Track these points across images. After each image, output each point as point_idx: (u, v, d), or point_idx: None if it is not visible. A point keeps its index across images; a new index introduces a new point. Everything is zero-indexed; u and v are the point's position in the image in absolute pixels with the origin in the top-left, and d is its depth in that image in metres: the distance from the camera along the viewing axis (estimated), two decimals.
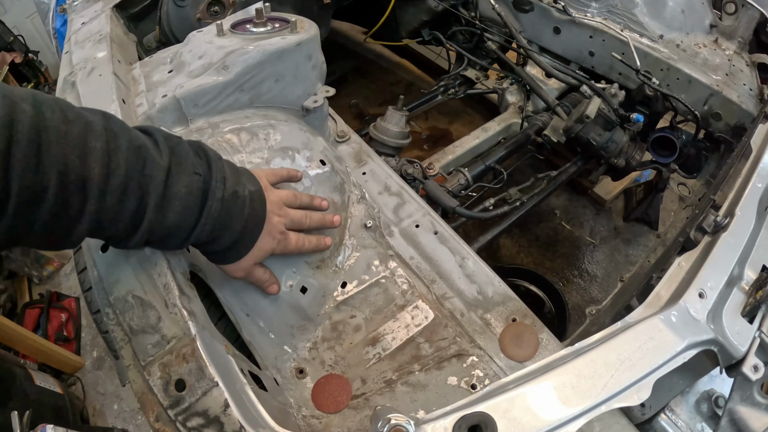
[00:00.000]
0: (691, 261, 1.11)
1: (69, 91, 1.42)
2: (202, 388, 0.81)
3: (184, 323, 0.87)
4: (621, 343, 0.90)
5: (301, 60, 1.36)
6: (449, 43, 2.66)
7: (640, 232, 2.85)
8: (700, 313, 0.97)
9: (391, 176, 1.50)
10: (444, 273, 1.30)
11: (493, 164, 2.14)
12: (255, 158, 1.25)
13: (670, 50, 2.11)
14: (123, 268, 0.96)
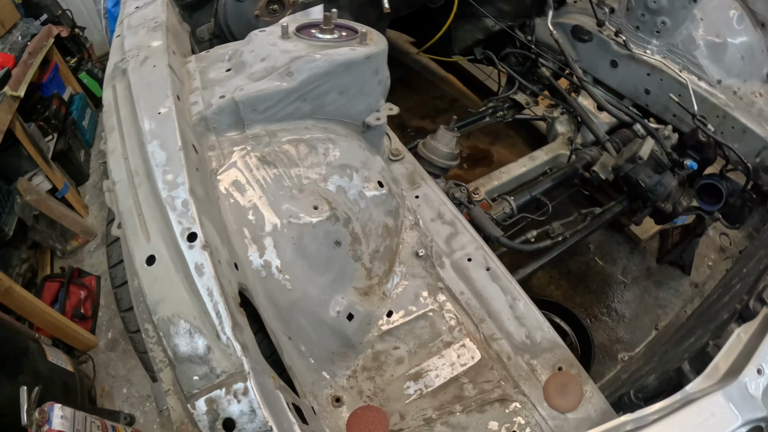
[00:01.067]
0: (750, 332, 1.04)
1: (119, 78, 1.35)
2: (253, 430, 0.74)
3: (237, 359, 0.80)
4: (683, 419, 0.86)
5: (368, 74, 1.29)
6: (501, 64, 2.58)
7: (672, 275, 2.76)
8: (757, 391, 0.92)
9: (445, 203, 1.44)
10: (494, 312, 1.24)
11: (539, 195, 2.06)
12: (312, 173, 1.19)
13: (727, 97, 2.03)
14: (171, 286, 0.88)
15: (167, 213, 0.91)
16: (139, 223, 0.93)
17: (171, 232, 0.89)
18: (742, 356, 0.98)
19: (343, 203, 1.19)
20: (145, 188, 0.98)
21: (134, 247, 0.91)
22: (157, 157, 1.00)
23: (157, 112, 1.10)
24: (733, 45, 2.03)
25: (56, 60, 3.80)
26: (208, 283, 0.85)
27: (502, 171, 2.22)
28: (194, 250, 0.86)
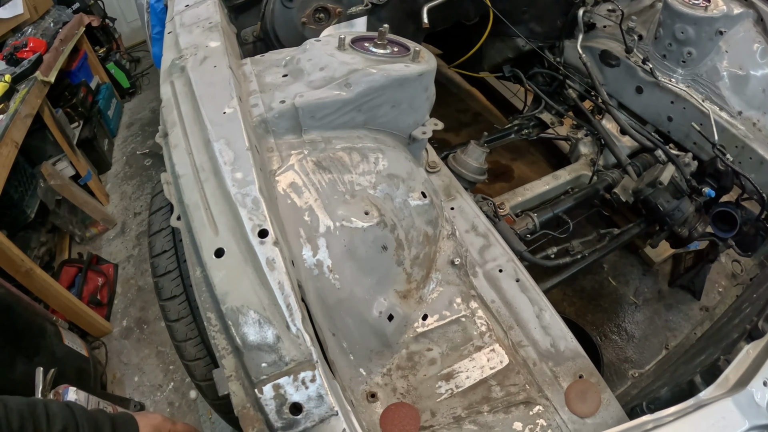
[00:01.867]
0: (758, 349, 1.13)
1: (178, 75, 1.42)
2: (320, 415, 0.83)
3: (307, 348, 0.88)
4: (697, 420, 0.95)
5: (419, 90, 1.38)
6: (529, 83, 2.67)
7: (683, 299, 2.84)
8: (763, 400, 1.00)
9: (479, 216, 1.53)
10: (522, 321, 1.32)
11: (561, 213, 2.14)
12: (363, 180, 1.27)
13: (746, 128, 2.12)
14: (240, 278, 0.95)
15: (237, 209, 0.99)
16: (207, 217, 1.01)
17: (241, 227, 0.97)
18: (750, 370, 1.07)
19: (390, 210, 1.28)
20: (212, 184, 1.06)
21: (202, 239, 0.99)
22: (224, 156, 1.08)
23: (222, 111, 1.18)
24: (755, 78, 2.12)
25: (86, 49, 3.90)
26: (279, 278, 0.92)
27: (526, 188, 2.31)
28: (266, 246, 0.94)
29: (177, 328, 1.47)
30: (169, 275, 1.51)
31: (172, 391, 2.80)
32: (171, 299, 1.50)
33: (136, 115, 4.33)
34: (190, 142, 1.16)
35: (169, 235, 1.56)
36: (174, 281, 1.50)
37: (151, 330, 3.02)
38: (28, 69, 2.98)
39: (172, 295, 1.50)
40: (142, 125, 4.23)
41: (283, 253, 0.95)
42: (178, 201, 1.15)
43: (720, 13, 2.10)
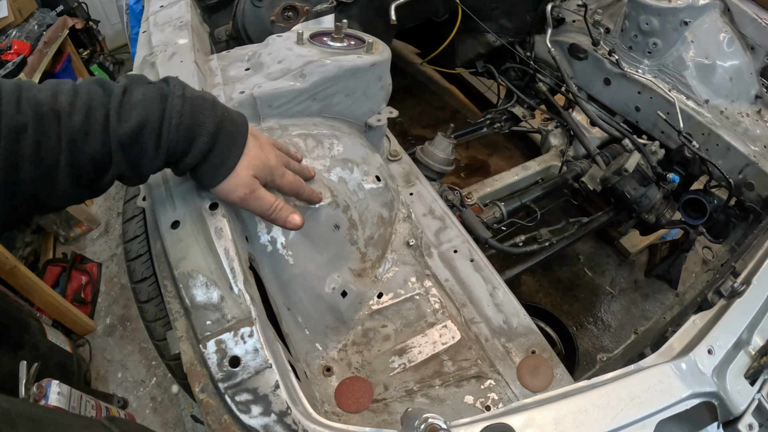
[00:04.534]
0: (705, 320, 1.20)
1: (148, 70, 1.50)
2: (255, 367, 0.90)
3: (246, 307, 0.95)
4: (633, 382, 1.00)
5: (372, 79, 1.46)
6: (501, 78, 2.76)
7: (659, 289, 2.92)
8: (707, 368, 1.06)
9: (437, 201, 1.61)
10: (475, 299, 1.40)
11: (529, 203, 2.23)
12: (318, 164, 1.35)
13: (713, 116, 2.20)
14: (192, 246, 1.03)
15: (192, 188, 1.08)
16: (167, 194, 1.10)
17: (195, 202, 1.06)
18: (695, 339, 1.12)
19: (343, 192, 1.36)
20: None
21: (160, 214, 1.07)
22: None
23: None
24: (722, 67, 2.20)
25: (69, 51, 3.98)
26: (225, 244, 1.00)
27: (495, 178, 2.39)
28: (215, 217, 1.03)
29: (146, 309, 1.55)
30: (140, 258, 1.60)
31: (155, 386, 2.90)
32: (141, 281, 1.58)
33: None
34: None
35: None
36: (144, 264, 1.58)
37: (134, 327, 3.11)
38: (13, 71, 3.07)
39: (143, 277, 1.58)
40: None
41: (230, 224, 1.04)
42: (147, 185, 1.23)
43: (684, 4, 2.17)
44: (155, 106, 0.88)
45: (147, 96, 0.88)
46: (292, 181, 1.11)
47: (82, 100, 0.82)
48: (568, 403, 0.93)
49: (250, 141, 1.00)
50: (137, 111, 0.86)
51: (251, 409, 0.86)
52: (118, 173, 0.89)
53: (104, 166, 0.87)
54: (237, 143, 0.98)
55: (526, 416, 0.89)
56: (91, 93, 0.84)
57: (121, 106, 0.85)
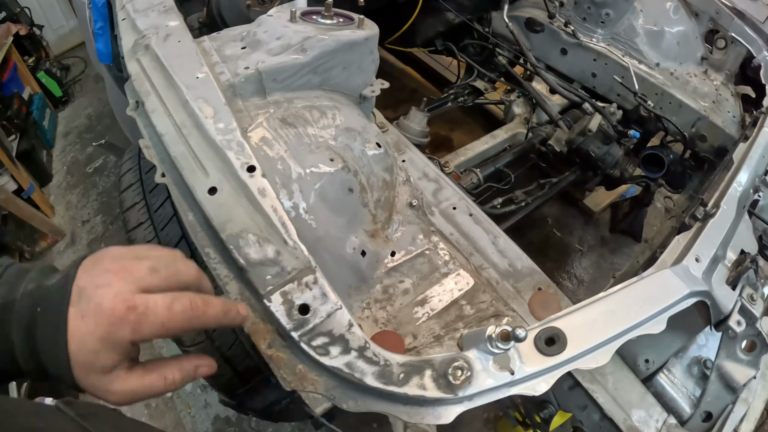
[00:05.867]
0: (687, 238, 1.37)
1: (142, 52, 1.50)
2: (326, 311, 0.96)
3: (305, 257, 1.02)
4: (644, 286, 1.15)
5: (365, 53, 1.56)
6: (461, 54, 2.88)
7: (624, 243, 3.13)
8: (698, 272, 1.23)
9: (428, 165, 1.71)
10: (480, 248, 1.51)
11: (502, 167, 2.36)
12: (325, 134, 1.43)
13: (664, 77, 2.39)
14: (235, 209, 1.08)
15: (224, 153, 1.12)
16: (195, 164, 1.14)
17: (230, 167, 1.11)
18: (683, 252, 1.29)
19: (350, 159, 1.44)
20: (195, 136, 1.19)
21: (194, 183, 1.11)
22: (204, 111, 1.22)
23: (194, 77, 1.31)
24: (669, 33, 2.40)
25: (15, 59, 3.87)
26: (272, 203, 1.06)
27: (467, 148, 2.51)
28: (255, 178, 1.09)
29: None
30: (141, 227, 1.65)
31: None
32: None
33: (72, 124, 4.33)
34: (167, 106, 1.28)
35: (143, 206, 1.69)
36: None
37: None
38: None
39: None
40: (80, 133, 4.24)
41: (271, 184, 1.10)
42: (161, 159, 1.26)
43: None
44: None
45: None
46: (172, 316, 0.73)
47: None
48: (596, 307, 1.06)
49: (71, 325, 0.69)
50: None
51: (330, 351, 0.92)
52: None
53: None
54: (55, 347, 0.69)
55: (568, 320, 1.00)
56: None
57: None
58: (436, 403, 0.89)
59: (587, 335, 0.99)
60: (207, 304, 0.77)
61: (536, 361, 0.94)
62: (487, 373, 0.90)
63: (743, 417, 1.29)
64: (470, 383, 0.88)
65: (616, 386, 1.27)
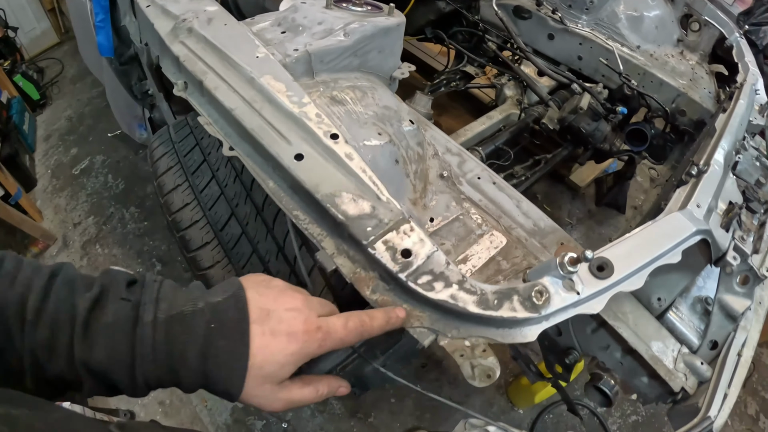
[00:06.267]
0: (686, 190, 1.58)
1: (185, 35, 1.58)
2: (426, 253, 1.10)
3: (398, 209, 1.16)
4: (662, 226, 1.34)
5: (396, 38, 1.74)
6: (450, 41, 3.07)
7: (610, 215, 3.38)
8: (699, 215, 1.43)
9: (450, 141, 1.89)
10: (506, 211, 1.70)
11: (501, 145, 2.57)
12: (368, 111, 1.60)
13: (645, 58, 2.64)
14: (325, 172, 1.20)
15: (304, 123, 1.25)
16: (275, 134, 1.26)
17: (313, 135, 1.24)
18: (684, 201, 1.49)
19: (392, 133, 1.62)
20: (269, 110, 1.31)
21: (278, 150, 1.23)
22: (275, 86, 1.34)
23: (254, 56, 1.43)
24: (648, 17, 2.65)
25: None
26: (360, 164, 1.20)
27: (466, 129, 2.71)
28: (340, 145, 1.23)
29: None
30: (196, 225, 1.76)
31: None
32: (199, 249, 1.73)
33: (52, 127, 4.32)
34: (230, 83, 1.39)
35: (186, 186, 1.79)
36: (202, 230, 1.74)
37: None
38: None
39: (202, 244, 1.72)
40: (61, 135, 4.23)
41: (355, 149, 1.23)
42: (226, 134, 1.38)
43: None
44: (123, 337, 0.76)
45: (116, 320, 0.76)
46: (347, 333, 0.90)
47: (49, 310, 0.74)
48: (629, 242, 1.26)
49: (255, 341, 0.80)
50: (104, 340, 0.75)
51: (434, 287, 1.06)
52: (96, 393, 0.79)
53: (76, 385, 0.77)
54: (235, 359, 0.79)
55: (610, 252, 1.19)
56: (59, 302, 0.75)
57: (86, 329, 0.75)
58: (523, 323, 1.06)
59: (626, 263, 1.18)
60: (372, 318, 0.95)
61: (592, 284, 1.13)
62: (559, 295, 1.08)
63: (744, 343, 1.51)
64: (549, 303, 1.06)
65: (635, 323, 1.47)
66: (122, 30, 2.26)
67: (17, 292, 0.74)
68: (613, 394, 1.54)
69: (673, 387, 1.39)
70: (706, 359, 1.44)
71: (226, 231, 1.66)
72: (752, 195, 1.77)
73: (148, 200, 3.74)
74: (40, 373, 0.74)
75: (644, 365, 1.44)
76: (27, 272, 0.76)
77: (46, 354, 0.73)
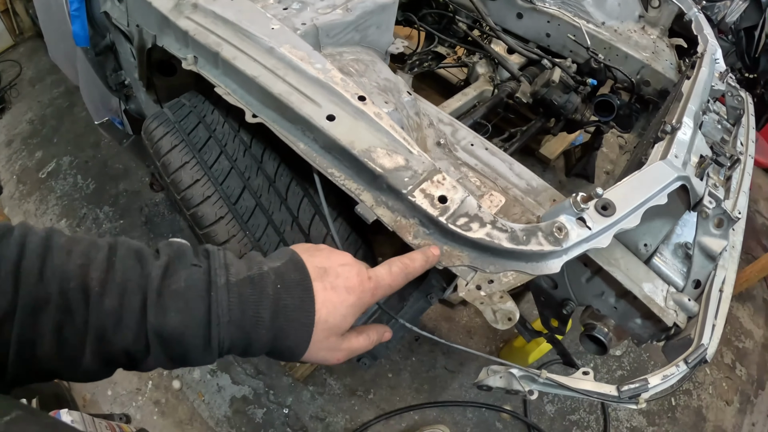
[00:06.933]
0: (664, 145, 1.76)
1: (190, 11, 1.62)
2: (460, 198, 1.23)
3: (429, 161, 1.29)
4: (649, 171, 1.52)
5: (392, 14, 1.88)
6: (421, 24, 3.22)
7: (580, 184, 3.61)
8: (677, 164, 1.61)
9: (441, 112, 2.04)
10: (501, 173, 1.86)
11: (479, 119, 2.74)
12: (372, 82, 1.74)
13: (610, 34, 2.86)
14: (357, 130, 1.29)
15: (331, 86, 1.36)
16: (303, 98, 1.36)
17: (341, 98, 1.34)
18: (664, 153, 1.68)
19: (395, 102, 1.76)
20: (293, 76, 1.40)
21: (309, 112, 1.32)
22: (296, 54, 1.43)
23: (270, 28, 1.51)
24: None
25: None
26: (389, 122, 1.32)
27: (444, 105, 2.87)
28: (368, 105, 1.34)
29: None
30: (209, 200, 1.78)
31: (153, 389, 2.90)
32: (213, 224, 1.71)
33: (14, 131, 4.25)
34: (248, 53, 1.46)
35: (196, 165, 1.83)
36: (215, 205, 1.72)
37: None
38: None
39: (216, 219, 1.71)
40: (24, 139, 4.18)
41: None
42: (247, 103, 1.47)
43: None
44: (199, 301, 0.79)
45: (190, 285, 0.79)
46: (394, 278, 1.00)
47: (116, 278, 0.75)
48: (623, 187, 1.43)
49: (319, 296, 0.87)
50: (179, 305, 0.77)
51: (471, 227, 1.20)
52: (158, 365, 0.81)
53: (139, 357, 0.78)
54: (303, 314, 0.86)
55: (608, 194, 1.36)
56: (126, 270, 0.77)
57: (160, 296, 0.77)
58: (548, 257, 1.23)
59: (624, 204, 1.36)
60: (412, 259, 1.05)
61: (599, 221, 1.30)
62: (575, 231, 1.25)
63: (723, 280, 1.70)
64: (568, 237, 1.23)
65: (627, 267, 1.64)
66: (97, 19, 2.31)
67: (76, 263, 0.74)
68: (607, 341, 1.72)
69: (666, 323, 1.57)
70: (692, 297, 1.62)
71: (240, 204, 1.71)
72: (719, 150, 1.99)
73: (121, 198, 3.75)
74: (102, 348, 0.74)
75: (638, 307, 1.62)
76: (83, 245, 0.77)
77: (113, 325, 0.74)
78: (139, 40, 1.92)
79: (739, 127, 2.27)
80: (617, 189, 1.41)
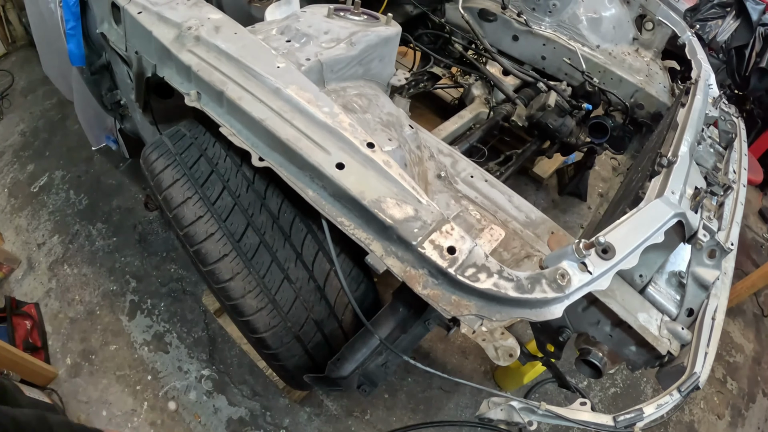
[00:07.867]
0: (660, 179, 1.80)
1: (193, 43, 1.64)
2: (467, 248, 1.28)
3: (438, 211, 1.33)
4: (649, 210, 1.57)
5: (394, 47, 1.92)
6: (416, 43, 3.27)
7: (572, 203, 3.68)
8: (674, 200, 1.66)
9: (440, 142, 2.09)
10: (500, 206, 1.91)
11: (475, 143, 2.79)
12: (375, 118, 1.78)
13: (605, 57, 2.94)
14: (366, 180, 1.32)
15: (340, 133, 1.38)
16: (312, 144, 1.38)
17: (350, 145, 1.37)
18: (660, 189, 1.72)
19: (397, 138, 1.80)
20: (301, 121, 1.42)
21: (319, 160, 1.35)
22: (303, 97, 1.45)
23: (275, 66, 1.53)
24: (606, 18, 2.96)
25: None
26: (398, 171, 1.35)
27: (440, 129, 2.92)
28: (377, 153, 1.37)
29: (232, 287, 1.67)
30: (208, 240, 1.70)
31: (149, 410, 2.84)
32: (217, 262, 1.68)
33: (5, 143, 4.18)
34: (254, 94, 1.48)
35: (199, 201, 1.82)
36: (219, 242, 1.69)
37: (102, 358, 2.99)
38: None
39: (221, 256, 1.69)
40: (15, 152, 4.12)
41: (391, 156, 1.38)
42: (253, 145, 1.48)
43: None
44: None
45: None
46: None
47: None
48: (622, 228, 1.48)
49: None
50: None
51: (479, 278, 1.25)
52: None
53: None
54: None
55: (608, 237, 1.40)
56: None
57: None
58: (551, 303, 1.28)
59: (623, 245, 1.41)
60: None
61: (600, 265, 1.35)
62: (576, 276, 1.30)
63: (716, 308, 1.74)
64: (570, 283, 1.28)
65: (623, 298, 1.68)
66: (93, 38, 2.30)
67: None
68: (602, 366, 1.76)
69: (660, 351, 1.62)
70: (685, 325, 1.68)
71: (244, 241, 1.69)
72: (713, 179, 2.04)
73: (114, 215, 3.69)
74: None
75: (633, 335, 1.67)
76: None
77: None
78: (138, 68, 1.93)
79: (731, 151, 2.34)
80: (617, 231, 1.46)
